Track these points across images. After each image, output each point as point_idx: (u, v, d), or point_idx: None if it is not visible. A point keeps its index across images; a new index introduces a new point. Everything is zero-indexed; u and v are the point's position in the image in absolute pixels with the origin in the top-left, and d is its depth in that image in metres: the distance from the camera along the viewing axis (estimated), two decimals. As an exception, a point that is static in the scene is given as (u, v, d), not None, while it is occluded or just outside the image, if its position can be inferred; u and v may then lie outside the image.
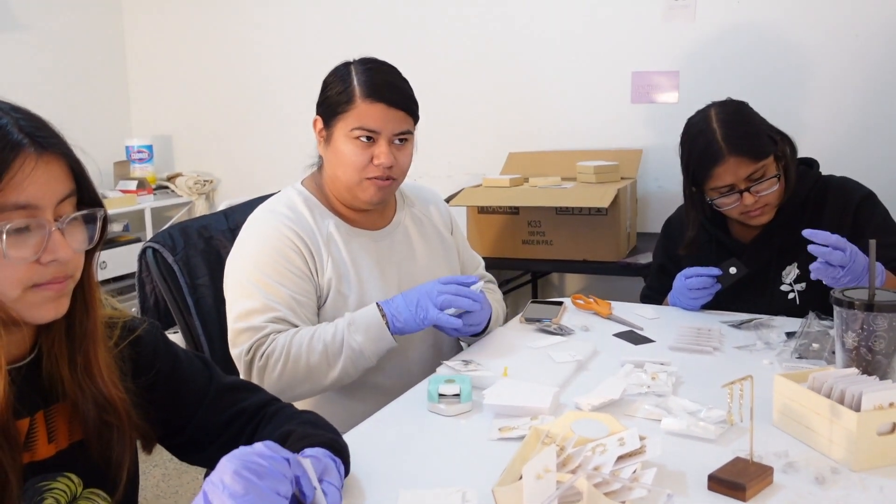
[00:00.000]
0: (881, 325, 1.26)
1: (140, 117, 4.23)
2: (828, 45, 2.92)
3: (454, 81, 3.44)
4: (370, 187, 1.65)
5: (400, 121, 1.64)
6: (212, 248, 1.84)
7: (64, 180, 0.91)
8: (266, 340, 1.56)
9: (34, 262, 0.88)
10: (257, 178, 3.88)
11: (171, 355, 1.14)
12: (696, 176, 1.87)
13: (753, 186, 1.81)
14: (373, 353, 1.56)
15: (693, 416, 1.29)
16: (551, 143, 3.33)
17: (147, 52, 4.14)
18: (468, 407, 1.36)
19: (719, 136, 1.80)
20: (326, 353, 1.54)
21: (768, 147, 1.82)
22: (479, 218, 2.85)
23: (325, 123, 1.67)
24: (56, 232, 0.89)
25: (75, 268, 0.93)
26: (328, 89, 1.67)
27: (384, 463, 1.18)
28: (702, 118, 1.86)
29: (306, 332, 1.56)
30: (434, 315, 1.54)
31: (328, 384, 1.57)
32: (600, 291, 2.10)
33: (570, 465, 1.07)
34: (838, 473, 1.11)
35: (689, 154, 1.88)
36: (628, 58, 3.20)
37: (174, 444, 1.17)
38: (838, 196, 1.88)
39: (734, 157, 1.78)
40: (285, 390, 1.54)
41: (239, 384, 1.21)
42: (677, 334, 1.72)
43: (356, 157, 1.62)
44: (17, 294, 0.88)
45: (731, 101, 1.89)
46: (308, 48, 3.72)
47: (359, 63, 1.67)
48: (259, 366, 1.54)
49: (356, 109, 1.61)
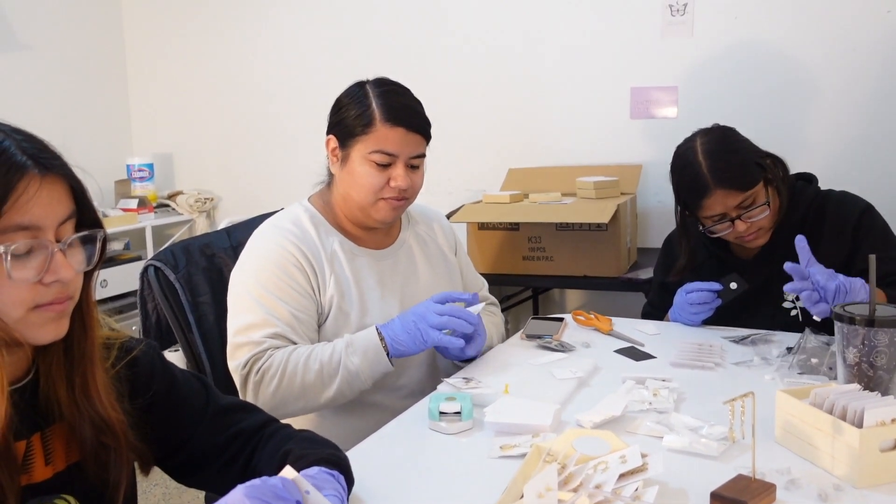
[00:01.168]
0: (882, 341, 1.26)
1: (141, 136, 4.24)
2: (826, 60, 2.93)
3: (454, 98, 3.45)
4: (385, 207, 1.67)
5: (417, 144, 1.66)
6: (214, 265, 1.85)
7: (65, 202, 0.92)
8: (263, 356, 1.56)
9: (36, 283, 0.89)
10: (258, 196, 3.89)
11: (169, 376, 1.13)
12: (687, 205, 1.89)
13: (744, 214, 1.81)
14: (368, 377, 1.56)
15: (695, 432, 1.28)
16: (551, 159, 3.34)
17: (148, 71, 4.16)
18: (469, 425, 1.35)
19: (705, 169, 1.80)
20: (322, 372, 1.54)
21: (755, 175, 1.81)
22: (479, 234, 2.86)
23: (341, 144, 1.67)
24: (58, 253, 0.90)
25: (75, 289, 0.94)
26: (344, 110, 1.67)
27: (385, 481, 1.18)
28: (687, 149, 1.86)
29: (304, 349, 1.56)
30: (435, 337, 1.53)
31: (322, 403, 1.57)
32: (601, 307, 2.10)
33: (571, 483, 1.07)
34: (841, 490, 1.10)
35: (678, 185, 1.89)
36: (627, 73, 3.21)
37: (171, 466, 1.16)
38: (837, 210, 1.88)
39: (721, 189, 1.78)
40: (279, 407, 1.54)
41: (236, 405, 1.20)
42: (678, 350, 1.71)
43: (373, 179, 1.63)
44: (20, 314, 0.88)
45: (717, 129, 1.88)
46: (309, 67, 3.74)
47: (374, 85, 1.67)
48: (255, 381, 1.54)
49: (376, 133, 1.62)
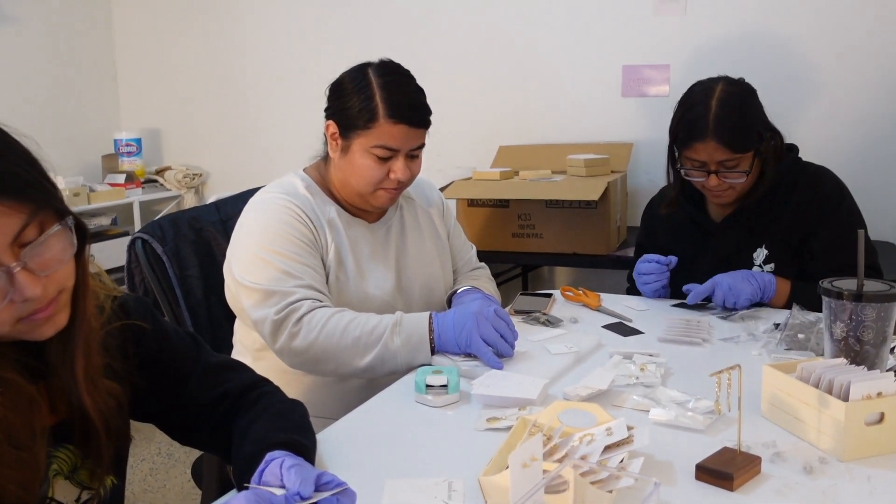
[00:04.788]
0: (869, 316, 1.26)
1: (129, 111, 4.20)
2: (818, 38, 2.93)
3: (445, 75, 3.43)
4: (383, 196, 1.66)
5: (418, 137, 1.65)
6: (202, 239, 1.83)
7: (14, 216, 0.83)
8: (301, 307, 1.51)
9: (10, 304, 0.85)
10: (247, 173, 3.86)
11: (161, 332, 1.12)
12: (678, 138, 1.89)
13: (723, 172, 1.82)
14: (405, 362, 1.52)
15: (681, 406, 1.28)
16: (542, 137, 3.32)
17: (136, 46, 4.11)
18: (456, 398, 1.35)
19: (711, 115, 1.80)
20: (360, 341, 1.50)
21: (751, 143, 1.82)
22: (469, 211, 2.85)
23: (342, 133, 1.65)
24: (19, 272, 0.83)
25: (59, 285, 0.89)
26: (346, 99, 1.63)
27: (371, 453, 1.18)
28: (706, 89, 1.86)
29: (349, 313, 1.53)
30: (477, 347, 1.48)
31: (353, 371, 1.53)
32: (590, 284, 2.10)
33: (557, 454, 1.07)
34: (826, 463, 1.10)
35: (680, 116, 1.89)
36: (619, 51, 3.20)
37: (168, 425, 1.15)
38: (809, 186, 1.89)
39: (714, 141, 1.80)
40: (309, 363, 1.53)
41: (226, 363, 1.19)
42: (666, 326, 1.71)
43: (374, 172, 1.62)
44: (8, 329, 0.86)
45: (740, 85, 1.88)
46: (298, 43, 3.71)
47: (378, 73, 1.63)
48: (291, 331, 1.50)
49: (379, 129, 1.60)
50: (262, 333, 1.55)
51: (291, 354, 1.52)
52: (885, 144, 2.92)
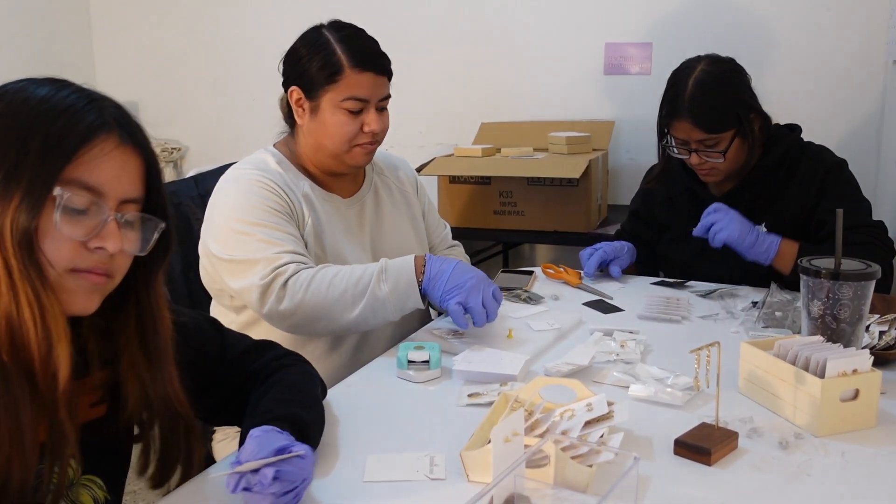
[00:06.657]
0: (846, 294, 1.28)
1: (105, 83, 4.14)
2: (801, 18, 2.93)
3: (427, 51, 3.40)
4: (359, 153, 1.66)
5: (384, 86, 1.65)
6: (181, 214, 1.81)
7: (136, 182, 0.90)
8: (286, 270, 1.50)
9: (81, 246, 0.86)
10: (226, 147, 3.82)
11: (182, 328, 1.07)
12: (663, 115, 1.90)
13: (702, 151, 1.84)
14: (395, 308, 1.51)
15: (660, 382, 1.30)
16: (524, 114, 3.31)
17: (112, 17, 4.04)
18: (437, 374, 1.36)
19: (686, 95, 1.82)
20: (346, 293, 1.49)
21: (727, 123, 1.82)
22: (450, 188, 2.84)
23: (308, 95, 1.64)
24: (113, 222, 0.87)
25: (117, 268, 0.90)
26: (307, 62, 1.62)
27: (352, 428, 1.18)
28: (686, 68, 1.87)
29: (333, 268, 1.52)
30: (453, 308, 1.48)
31: (345, 325, 1.52)
32: (571, 262, 2.11)
33: (538, 429, 1.08)
34: (802, 439, 1.12)
35: (665, 94, 1.90)
36: (601, 29, 3.18)
37: (197, 408, 1.14)
38: (811, 162, 1.90)
39: (687, 121, 1.81)
40: (299, 325, 1.52)
41: (250, 347, 1.20)
42: (646, 303, 1.73)
43: (347, 127, 1.62)
44: (58, 271, 0.85)
45: (722, 65, 1.87)
46: (276, 14, 3.66)
47: (333, 29, 1.64)
48: (278, 295, 1.49)
49: (346, 80, 1.60)
50: (250, 302, 1.53)
51: (280, 318, 1.51)
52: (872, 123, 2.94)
